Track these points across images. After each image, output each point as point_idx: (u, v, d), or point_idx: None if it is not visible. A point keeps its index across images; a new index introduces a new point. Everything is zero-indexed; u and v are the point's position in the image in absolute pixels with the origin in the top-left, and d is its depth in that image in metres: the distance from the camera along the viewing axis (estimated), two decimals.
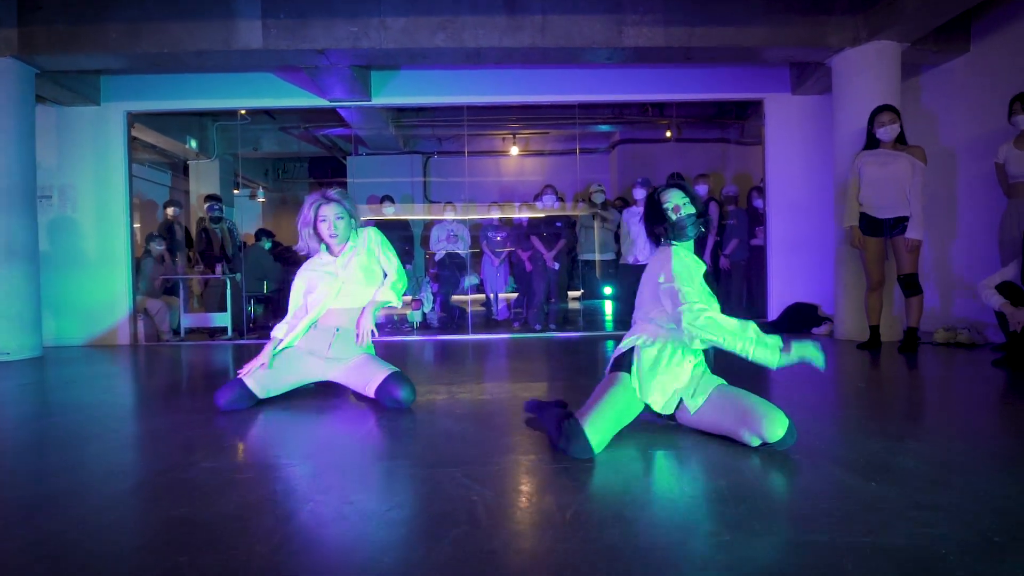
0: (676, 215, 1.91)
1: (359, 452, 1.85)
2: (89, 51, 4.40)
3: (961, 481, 1.43)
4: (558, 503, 1.35)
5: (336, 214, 2.48)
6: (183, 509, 1.35)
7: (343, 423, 2.21)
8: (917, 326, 3.88)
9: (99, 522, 1.30)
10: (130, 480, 1.59)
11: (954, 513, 1.23)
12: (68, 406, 2.68)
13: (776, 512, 1.29)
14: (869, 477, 1.47)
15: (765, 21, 4.40)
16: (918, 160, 3.83)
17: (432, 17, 4.30)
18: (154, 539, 1.21)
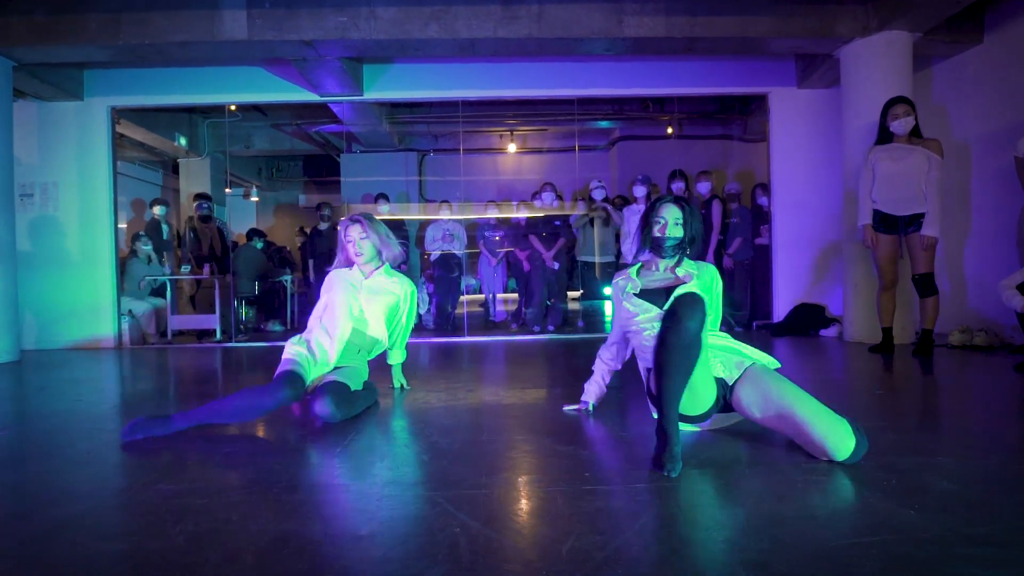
0: (660, 233, 1.92)
1: (334, 470, 1.68)
2: (68, 42, 4.23)
3: (1005, 504, 1.25)
4: (553, 534, 1.18)
5: (359, 234, 2.51)
6: (126, 542, 1.18)
7: (313, 441, 2.04)
8: (933, 328, 3.71)
9: (22, 557, 1.13)
10: (71, 506, 1.41)
11: (1008, 549, 1.06)
12: (35, 415, 2.51)
13: (801, 546, 1.11)
14: (903, 502, 1.29)
15: (770, 10, 4.23)
16: (935, 154, 3.66)
17: (424, 7, 4.13)
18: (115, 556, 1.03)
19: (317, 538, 1.20)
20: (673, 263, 1.99)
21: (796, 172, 5.41)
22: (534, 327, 5.92)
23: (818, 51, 4.64)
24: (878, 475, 1.49)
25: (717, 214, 5.50)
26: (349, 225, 2.55)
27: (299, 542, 1.18)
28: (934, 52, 4.67)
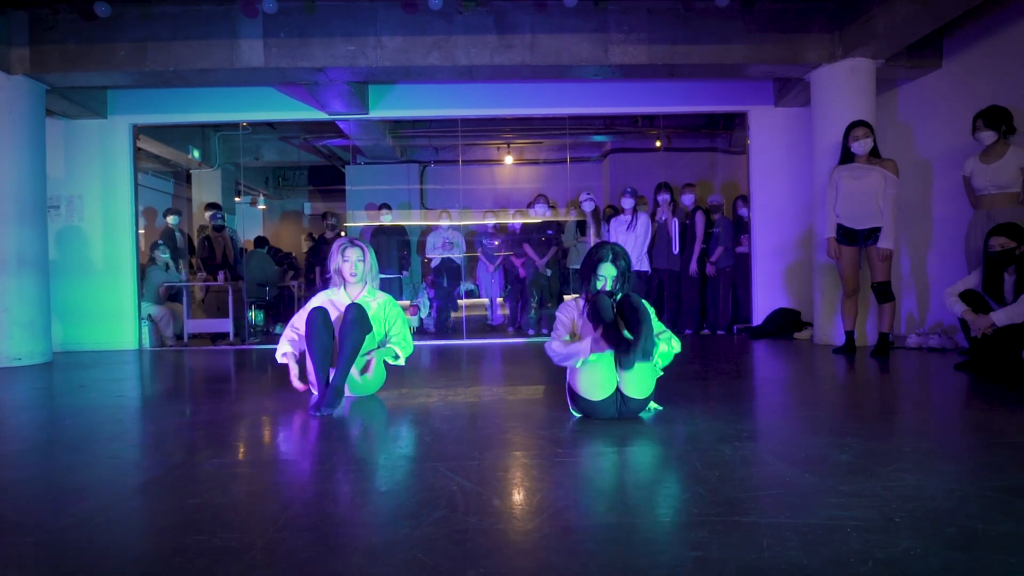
0: (602, 290, 2.29)
1: (350, 450, 2.04)
2: (98, 69, 4.60)
3: (884, 471, 1.61)
4: (529, 490, 1.54)
5: (358, 257, 2.84)
6: (196, 499, 1.54)
7: (334, 426, 2.40)
8: (889, 331, 4.07)
9: (120, 510, 1.49)
10: (145, 475, 1.77)
11: (867, 498, 1.42)
12: (81, 409, 2.87)
13: (715, 498, 1.47)
14: (804, 469, 1.65)
15: (745, 39, 4.60)
16: (890, 173, 4.02)
17: (426, 36, 4.50)
18: (172, 523, 1.39)
19: (347, 493, 1.56)
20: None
21: (774, 185, 5.78)
22: (529, 331, 6.29)
23: (790, 75, 5.01)
24: (793, 450, 1.85)
25: (700, 224, 5.87)
26: (348, 247, 2.87)
27: (337, 496, 1.54)
28: (898, 76, 5.05)
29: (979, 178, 3.83)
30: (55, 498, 1.58)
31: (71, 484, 1.69)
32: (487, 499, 1.49)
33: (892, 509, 1.35)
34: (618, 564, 1.14)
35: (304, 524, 1.35)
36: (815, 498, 1.44)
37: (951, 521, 1.29)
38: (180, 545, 1.25)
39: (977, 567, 1.09)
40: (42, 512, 1.47)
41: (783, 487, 1.52)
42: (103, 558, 1.22)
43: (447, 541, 1.24)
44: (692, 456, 1.81)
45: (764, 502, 1.42)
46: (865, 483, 1.53)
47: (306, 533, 1.30)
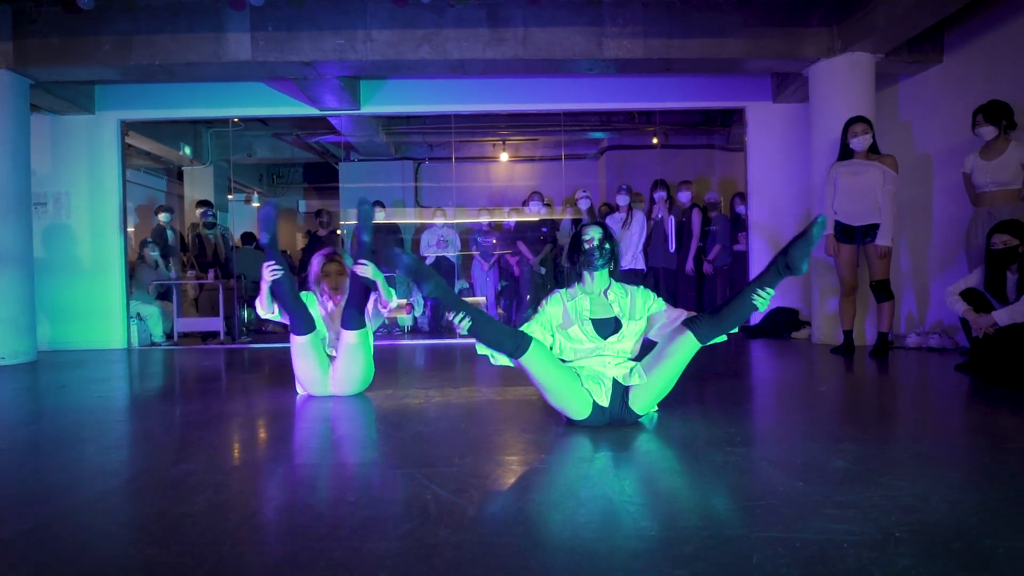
0: (589, 245, 2.18)
1: (324, 454, 1.95)
2: (82, 63, 4.51)
3: (882, 480, 1.53)
4: (507, 499, 1.45)
5: (337, 271, 2.77)
6: (155, 508, 1.45)
7: (313, 427, 2.32)
8: (888, 331, 3.99)
9: (87, 514, 1.40)
10: (108, 481, 1.69)
11: (865, 510, 1.33)
12: (61, 409, 2.78)
13: (703, 509, 1.39)
14: (799, 477, 1.57)
15: (742, 33, 4.51)
16: (889, 169, 3.94)
17: (416, 30, 4.41)
18: (126, 536, 1.31)
19: (314, 503, 1.48)
20: (605, 286, 2.22)
21: (772, 182, 5.69)
22: None
23: (788, 70, 4.93)
24: (787, 456, 1.76)
25: (697, 222, 5.78)
26: (327, 262, 2.76)
27: (301, 506, 1.45)
28: (898, 71, 4.96)
29: (979, 175, 3.74)
30: (22, 501, 1.49)
31: (33, 489, 1.61)
32: (461, 509, 1.40)
33: (891, 522, 1.27)
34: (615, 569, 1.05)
35: (262, 538, 1.27)
36: (809, 510, 1.35)
37: (955, 537, 1.20)
38: (126, 561, 1.17)
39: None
40: (6, 515, 1.39)
41: (776, 497, 1.44)
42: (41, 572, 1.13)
43: (413, 556, 1.16)
44: (682, 463, 1.73)
45: (755, 514, 1.34)
46: (863, 493, 1.44)
47: (263, 548, 1.21)
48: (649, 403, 2.11)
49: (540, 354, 2.03)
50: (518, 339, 2.01)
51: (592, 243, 2.18)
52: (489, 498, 1.48)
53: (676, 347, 2.04)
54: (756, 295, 1.98)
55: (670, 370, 2.07)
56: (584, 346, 2.13)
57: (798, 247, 1.96)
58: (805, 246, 1.96)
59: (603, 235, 2.21)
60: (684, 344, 2.03)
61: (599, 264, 2.18)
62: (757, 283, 2.01)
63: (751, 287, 2.01)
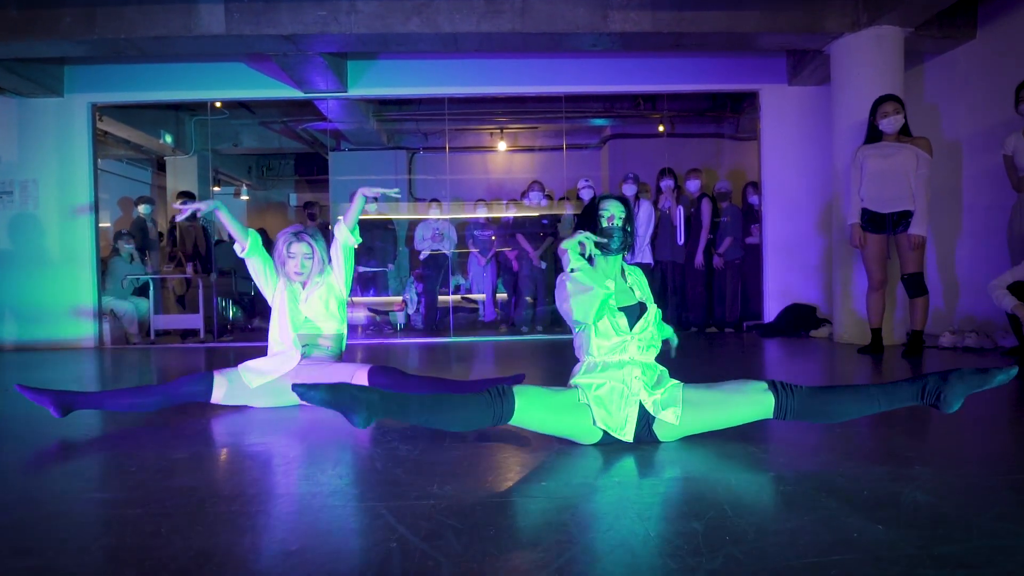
0: (609, 223, 1.85)
1: (271, 479, 1.60)
2: (43, 37, 4.16)
3: (979, 522, 1.18)
4: (492, 550, 1.10)
5: (304, 253, 2.47)
6: (41, 557, 1.10)
7: (279, 439, 1.96)
8: (923, 329, 3.64)
9: None
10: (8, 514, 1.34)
11: (975, 571, 0.98)
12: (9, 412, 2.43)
13: (755, 571, 1.03)
14: (874, 516, 1.21)
15: (758, 5, 4.16)
16: (923, 152, 3.59)
17: (405, 0, 4.05)
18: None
19: (243, 553, 1.12)
20: (617, 271, 1.91)
21: (787, 171, 5.34)
22: (522, 327, 5.85)
23: (808, 46, 4.57)
24: (846, 483, 1.41)
25: (707, 213, 5.43)
26: (293, 241, 2.47)
27: (223, 558, 1.10)
28: (926, 48, 4.60)
29: (1022, 156, 3.39)
30: None
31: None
32: (432, 563, 1.05)
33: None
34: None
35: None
36: (903, 567, 1.00)
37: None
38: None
39: None
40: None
41: (850, 550, 1.08)
42: None
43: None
44: (714, 492, 1.37)
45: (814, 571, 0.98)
46: (963, 543, 1.09)
47: None
48: (676, 436, 1.75)
49: (528, 407, 1.67)
50: (497, 406, 1.64)
51: (612, 221, 1.85)
52: (470, 549, 1.13)
53: (741, 403, 1.68)
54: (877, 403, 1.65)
55: (718, 422, 1.72)
56: (610, 341, 1.76)
57: (966, 381, 1.58)
58: (975, 383, 1.58)
59: (625, 213, 1.87)
60: (754, 407, 1.67)
61: (615, 247, 1.84)
62: (884, 390, 1.65)
63: (876, 389, 1.66)
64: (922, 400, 1.61)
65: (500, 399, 1.64)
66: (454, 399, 1.67)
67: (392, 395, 1.62)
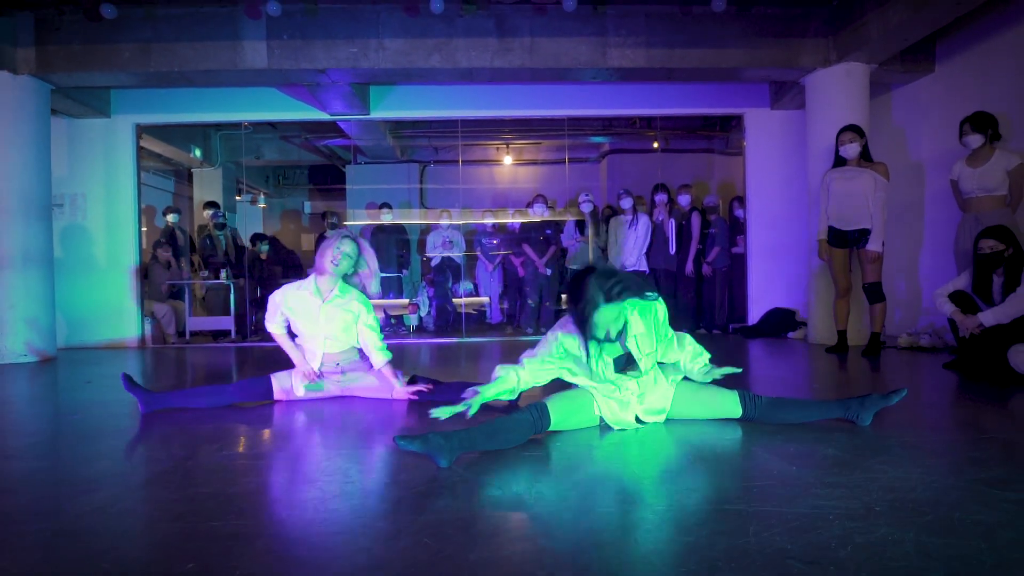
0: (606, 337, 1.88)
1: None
2: (103, 70, 4.66)
3: (868, 465, 1.69)
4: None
5: (348, 251, 2.64)
6: (210, 487, 1.60)
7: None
8: (880, 331, 4.15)
9: (130, 501, 1.55)
10: (162, 464, 1.84)
11: (851, 489, 1.49)
12: (90, 403, 2.93)
13: (705, 490, 1.54)
14: (792, 463, 1.73)
15: (742, 43, 4.67)
16: (880, 176, 4.10)
17: (427, 39, 4.56)
18: (186, 511, 1.46)
19: (346, 487, 1.62)
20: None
21: (769, 187, 5.86)
22: (527, 328, 6.36)
23: (786, 79, 5.09)
24: (782, 445, 1.92)
25: (696, 225, 5.94)
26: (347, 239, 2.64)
27: (328, 490, 1.60)
28: (891, 80, 5.13)
29: (966, 182, 3.90)
30: (68, 488, 1.64)
31: (82, 476, 1.76)
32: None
33: (872, 499, 1.43)
34: (614, 546, 1.21)
35: (301, 515, 1.42)
36: (800, 489, 1.51)
37: (928, 510, 1.36)
38: (188, 532, 1.32)
39: (950, 551, 1.16)
40: (57, 500, 1.54)
41: (770, 479, 1.60)
42: (116, 544, 1.28)
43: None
44: (683, 451, 1.88)
45: (752, 493, 1.50)
46: (848, 475, 1.60)
47: (297, 520, 1.36)
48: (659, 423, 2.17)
49: (559, 417, 2.01)
50: (539, 423, 1.95)
51: (609, 335, 1.88)
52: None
53: (717, 408, 2.15)
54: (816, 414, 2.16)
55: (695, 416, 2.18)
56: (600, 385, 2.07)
57: (875, 403, 2.12)
58: (880, 403, 2.12)
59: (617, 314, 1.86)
60: (727, 411, 2.14)
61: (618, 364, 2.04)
62: (820, 406, 2.18)
63: (815, 405, 2.20)
64: (846, 415, 2.13)
65: (540, 416, 1.96)
66: (507, 423, 1.88)
67: (460, 434, 1.76)
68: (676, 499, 1.47)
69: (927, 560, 1.12)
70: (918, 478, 1.58)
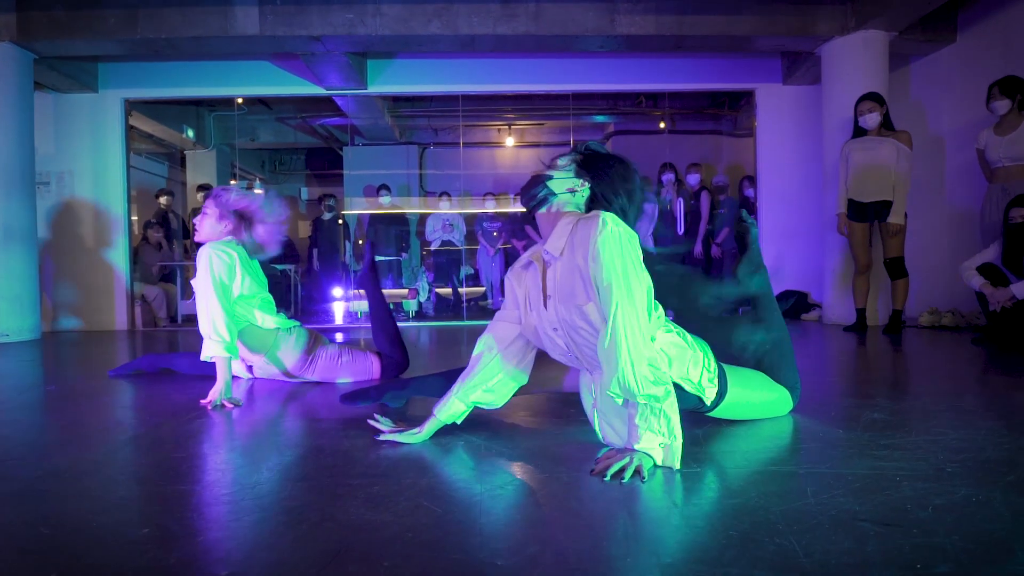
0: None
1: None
2: (87, 37, 4.44)
3: (924, 427, 1.50)
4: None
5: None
6: (180, 452, 1.42)
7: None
8: (902, 309, 3.97)
9: (103, 461, 1.37)
10: (129, 432, 1.65)
11: (910, 451, 1.31)
12: (69, 379, 2.74)
13: (751, 451, 1.36)
14: (837, 426, 1.54)
15: (755, 10, 4.47)
16: (904, 145, 3.91)
17: (427, 4, 4.36)
18: (153, 473, 1.27)
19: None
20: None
21: (781, 165, 5.66)
22: None
23: (801, 49, 4.89)
24: (822, 409, 1.74)
25: (705, 205, 5.75)
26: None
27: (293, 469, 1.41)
28: (911, 51, 4.92)
29: (993, 150, 3.72)
30: (26, 451, 1.46)
31: (43, 442, 1.57)
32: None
33: (941, 460, 1.24)
34: (649, 509, 1.02)
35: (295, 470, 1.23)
36: (854, 450, 1.33)
37: (1008, 470, 1.18)
38: (160, 493, 1.13)
39: None
40: (26, 462, 1.36)
41: (817, 441, 1.41)
42: (87, 500, 1.10)
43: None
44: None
45: (800, 455, 1.31)
46: (905, 438, 1.42)
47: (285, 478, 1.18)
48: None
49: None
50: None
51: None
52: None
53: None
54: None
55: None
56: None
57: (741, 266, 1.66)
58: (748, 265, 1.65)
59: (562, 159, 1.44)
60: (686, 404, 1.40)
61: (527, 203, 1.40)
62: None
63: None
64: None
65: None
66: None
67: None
68: (712, 461, 1.28)
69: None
70: (984, 439, 1.39)
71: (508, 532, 0.97)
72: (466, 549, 0.88)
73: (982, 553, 0.84)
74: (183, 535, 0.94)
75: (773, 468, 1.22)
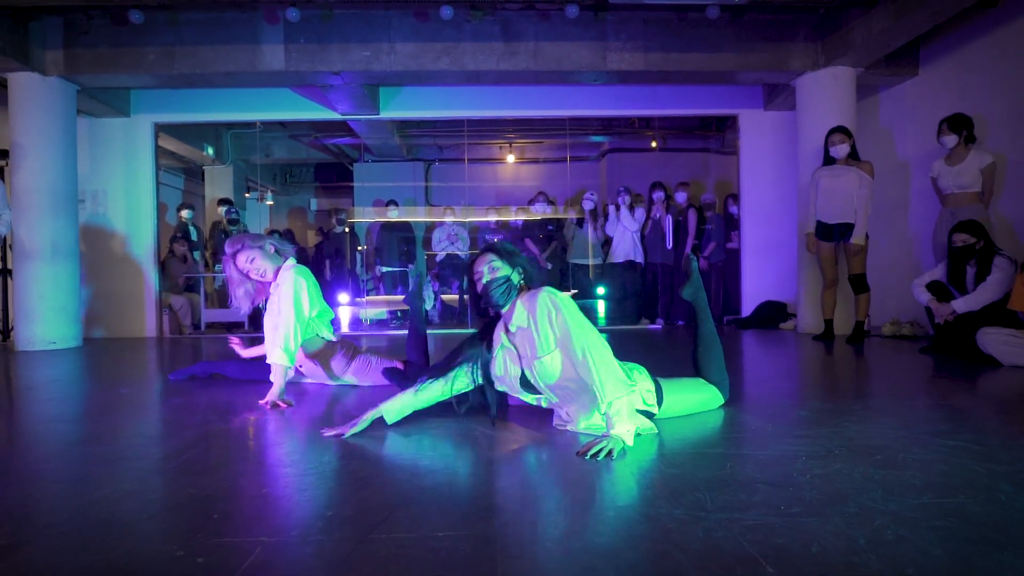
0: (481, 290, 1.88)
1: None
2: (128, 72, 4.90)
3: (834, 422, 1.94)
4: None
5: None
6: (257, 440, 1.85)
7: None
8: (864, 320, 4.41)
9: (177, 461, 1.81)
10: (216, 424, 2.09)
11: (816, 439, 1.75)
12: (131, 382, 3.18)
13: (693, 438, 1.79)
14: (768, 420, 1.98)
15: (734, 48, 4.92)
16: (866, 174, 4.36)
17: (436, 43, 4.81)
18: (246, 453, 1.71)
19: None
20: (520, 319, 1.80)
21: (762, 184, 6.11)
22: None
23: (777, 81, 5.34)
24: (759, 410, 2.18)
25: (693, 221, 6.20)
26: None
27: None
28: (878, 82, 5.38)
29: (944, 179, 4.16)
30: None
31: (159, 431, 2.00)
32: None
33: (833, 445, 1.68)
34: (606, 477, 1.46)
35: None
36: (772, 439, 1.77)
37: (878, 452, 1.62)
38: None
39: (889, 479, 1.41)
40: (149, 448, 1.79)
41: (747, 432, 1.85)
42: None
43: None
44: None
45: (730, 441, 1.75)
46: (815, 430, 1.86)
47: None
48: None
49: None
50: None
51: (481, 279, 1.87)
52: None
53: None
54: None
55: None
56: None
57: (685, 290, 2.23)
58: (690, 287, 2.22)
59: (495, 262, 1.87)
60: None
61: (499, 300, 1.85)
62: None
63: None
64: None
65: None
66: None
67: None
68: (663, 445, 1.72)
69: (868, 483, 1.38)
70: (875, 431, 1.83)
71: (512, 494, 1.40)
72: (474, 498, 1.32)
73: (828, 502, 1.28)
74: (283, 496, 1.38)
75: (707, 450, 1.66)
